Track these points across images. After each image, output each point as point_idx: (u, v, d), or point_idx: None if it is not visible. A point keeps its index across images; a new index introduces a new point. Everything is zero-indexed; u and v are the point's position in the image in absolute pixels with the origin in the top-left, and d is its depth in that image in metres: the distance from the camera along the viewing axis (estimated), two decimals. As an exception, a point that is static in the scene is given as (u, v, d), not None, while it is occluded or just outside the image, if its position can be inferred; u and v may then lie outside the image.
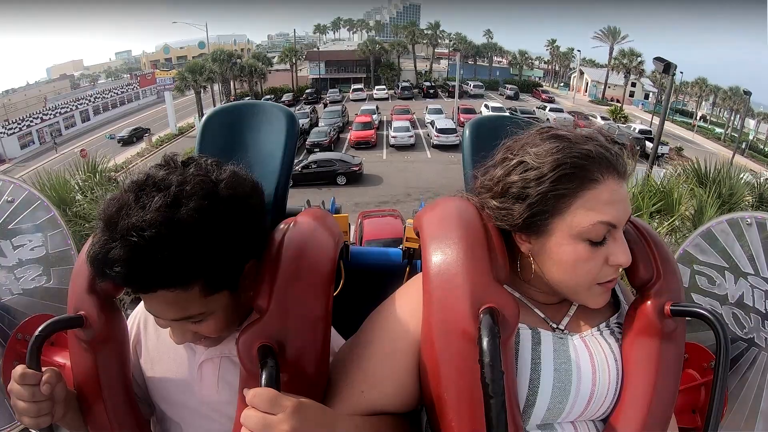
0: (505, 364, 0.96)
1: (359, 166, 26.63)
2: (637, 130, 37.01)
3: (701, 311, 1.05)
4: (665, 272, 1.13)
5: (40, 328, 1.10)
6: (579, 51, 67.76)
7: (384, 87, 58.96)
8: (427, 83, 60.49)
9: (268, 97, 51.45)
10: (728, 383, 1.54)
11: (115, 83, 66.71)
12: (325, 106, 49.13)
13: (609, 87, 59.90)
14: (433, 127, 34.93)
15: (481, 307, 0.98)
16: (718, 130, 50.52)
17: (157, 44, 78.79)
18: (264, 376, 0.94)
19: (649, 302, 1.11)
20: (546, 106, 46.94)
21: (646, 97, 58.56)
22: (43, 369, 1.09)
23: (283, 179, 1.50)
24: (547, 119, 39.00)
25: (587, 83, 64.17)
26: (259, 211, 1.15)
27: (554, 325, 1.12)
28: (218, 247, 1.00)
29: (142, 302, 1.18)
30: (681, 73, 53.28)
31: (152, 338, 1.32)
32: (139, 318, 1.37)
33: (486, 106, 43.98)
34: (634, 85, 58.27)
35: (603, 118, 43.40)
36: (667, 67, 14.15)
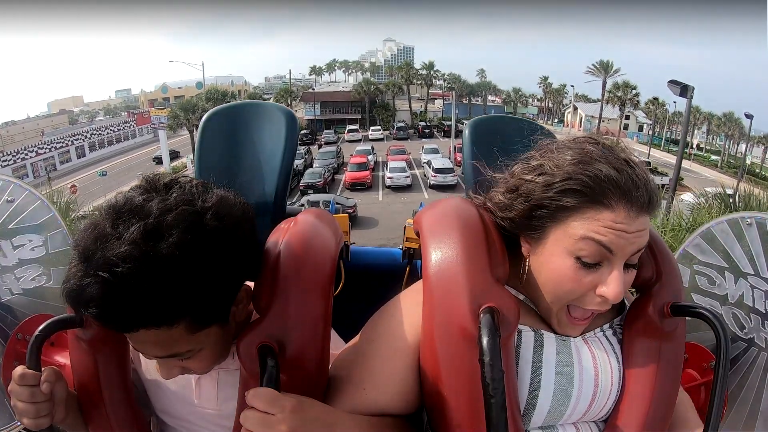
0: (506, 364, 0.96)
1: (353, 208, 25.67)
2: (636, 162, 36.98)
3: (701, 311, 1.06)
4: (665, 272, 1.13)
5: (40, 328, 1.09)
6: (573, 86, 68.27)
7: (379, 127, 58.87)
8: (423, 123, 60.77)
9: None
10: (728, 383, 1.53)
11: (112, 120, 67.07)
12: (320, 147, 48.77)
13: (603, 121, 59.38)
14: (429, 166, 34.44)
15: (480, 306, 0.98)
16: (714, 157, 50.49)
17: (156, 83, 79.31)
18: (264, 376, 0.94)
19: (649, 302, 1.11)
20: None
21: (640, 129, 58.76)
22: (43, 368, 1.08)
23: (283, 179, 1.51)
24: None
25: (581, 118, 64.41)
26: (251, 237, 1.06)
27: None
28: (204, 283, 0.92)
29: None
30: (674, 102, 53.68)
31: None
32: None
33: (482, 142, 43.72)
34: (627, 117, 58.20)
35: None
36: (684, 90, 13.77)
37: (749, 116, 43.05)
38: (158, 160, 45.27)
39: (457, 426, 1.00)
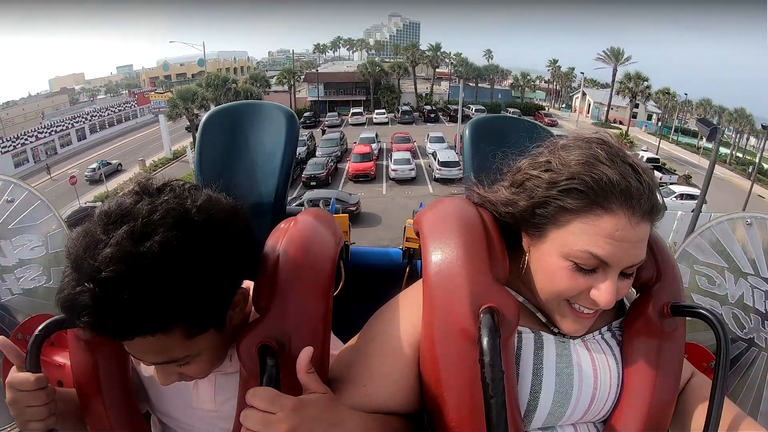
0: (506, 364, 0.96)
1: (357, 205, 24.90)
2: (644, 159, 36.33)
3: (701, 311, 1.06)
4: (665, 272, 1.13)
5: (39, 328, 1.09)
6: (582, 73, 66.73)
7: (384, 111, 57.63)
8: (428, 107, 59.64)
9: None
10: (728, 383, 1.53)
11: (113, 100, 66.17)
12: (324, 132, 46.95)
13: (612, 108, 58.63)
14: (434, 158, 33.07)
15: (481, 306, 0.98)
16: (723, 150, 49.55)
17: (159, 59, 78.11)
18: (264, 376, 0.94)
19: (649, 302, 1.11)
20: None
21: (649, 117, 57.74)
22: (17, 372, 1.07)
23: (282, 179, 1.51)
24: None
25: (590, 104, 63.37)
26: (244, 235, 1.04)
27: (556, 330, 1.11)
28: (196, 283, 0.90)
29: None
30: (685, 94, 53.06)
31: None
32: None
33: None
34: (636, 106, 56.89)
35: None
36: (713, 133, 13.46)
37: (766, 127, 41.04)
38: (188, 129, 45.02)
39: (457, 426, 1.00)
